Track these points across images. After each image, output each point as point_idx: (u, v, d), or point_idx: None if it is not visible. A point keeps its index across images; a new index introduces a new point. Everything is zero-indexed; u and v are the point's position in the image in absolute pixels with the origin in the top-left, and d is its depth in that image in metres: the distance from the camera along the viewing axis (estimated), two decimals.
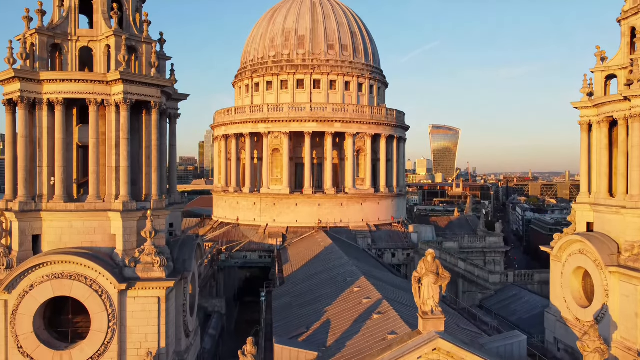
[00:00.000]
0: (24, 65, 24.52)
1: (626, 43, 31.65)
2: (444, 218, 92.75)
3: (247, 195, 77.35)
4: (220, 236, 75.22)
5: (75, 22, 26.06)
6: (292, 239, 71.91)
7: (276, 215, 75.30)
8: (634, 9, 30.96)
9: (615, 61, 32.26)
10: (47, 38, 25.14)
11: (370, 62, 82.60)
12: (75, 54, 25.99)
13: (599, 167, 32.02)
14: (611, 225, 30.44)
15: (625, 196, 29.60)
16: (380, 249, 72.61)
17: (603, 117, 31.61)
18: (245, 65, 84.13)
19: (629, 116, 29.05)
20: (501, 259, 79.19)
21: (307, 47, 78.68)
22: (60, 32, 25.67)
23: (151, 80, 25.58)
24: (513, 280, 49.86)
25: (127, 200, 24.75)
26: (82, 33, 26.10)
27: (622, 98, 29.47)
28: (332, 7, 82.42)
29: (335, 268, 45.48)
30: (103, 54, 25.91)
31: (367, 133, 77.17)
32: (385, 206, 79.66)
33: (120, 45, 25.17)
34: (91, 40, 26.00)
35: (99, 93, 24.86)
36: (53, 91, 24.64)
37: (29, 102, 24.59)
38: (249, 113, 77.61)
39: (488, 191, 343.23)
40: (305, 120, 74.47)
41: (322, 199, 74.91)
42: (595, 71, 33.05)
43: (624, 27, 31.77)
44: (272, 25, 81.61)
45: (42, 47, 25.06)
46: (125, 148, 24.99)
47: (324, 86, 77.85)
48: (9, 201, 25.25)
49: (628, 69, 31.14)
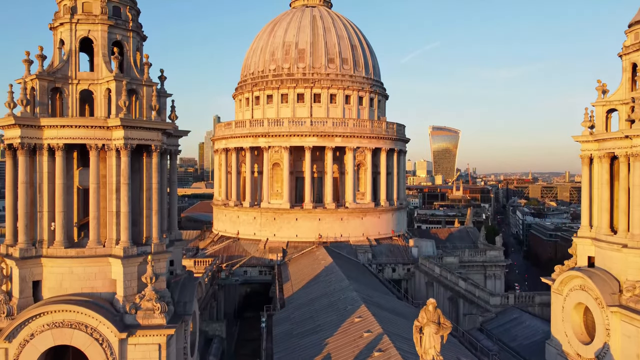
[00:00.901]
0: (25, 112, 24.46)
1: (627, 78, 31.61)
2: (444, 230, 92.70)
3: (247, 209, 77.33)
4: (221, 251, 75.26)
5: (76, 65, 25.99)
6: (293, 254, 71.94)
7: (276, 229, 75.29)
8: (635, 45, 30.93)
9: (617, 96, 32.21)
10: (47, 83, 25.07)
11: (370, 75, 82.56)
12: (76, 97, 25.92)
13: (600, 202, 31.97)
14: (612, 261, 30.39)
15: (627, 234, 29.55)
16: (381, 264, 72.64)
17: (604, 153, 31.57)
18: (246, 78, 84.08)
19: (630, 154, 29.01)
20: (501, 273, 79.22)
21: (308, 60, 78.65)
22: (61, 76, 25.60)
23: (152, 125, 25.53)
24: (514, 302, 49.79)
25: (128, 245, 24.69)
26: (82, 76, 26.03)
27: (624, 136, 29.42)
28: (333, 20, 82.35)
29: (336, 292, 45.45)
30: (104, 97, 25.83)
31: (368, 147, 77.17)
32: (386, 220, 79.63)
33: (120, 90, 25.10)
34: (92, 84, 25.92)
35: (99, 138, 24.81)
36: (54, 136, 24.58)
37: (29, 147, 24.54)
38: (249, 127, 77.58)
39: (488, 194, 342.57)
40: (306, 135, 74.46)
41: (323, 214, 74.90)
42: (596, 105, 33.01)
43: (625, 62, 31.73)
44: (272, 39, 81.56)
45: (43, 92, 24.99)
46: (125, 193, 24.94)
47: (324, 100, 77.83)
48: (9, 246, 25.19)
49: (629, 104, 31.09)
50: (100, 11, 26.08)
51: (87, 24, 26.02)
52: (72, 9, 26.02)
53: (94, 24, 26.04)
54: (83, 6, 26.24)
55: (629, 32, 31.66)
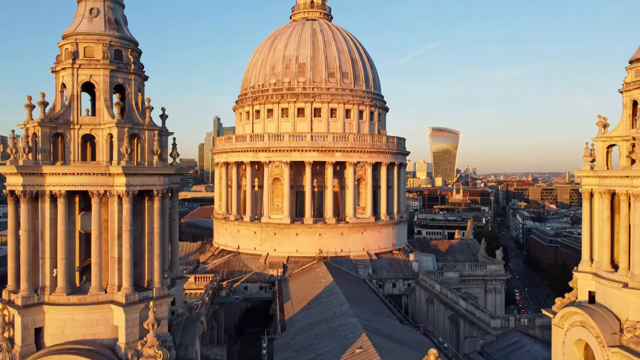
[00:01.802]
0: (27, 159, 24.51)
1: (628, 115, 31.61)
2: (444, 242, 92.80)
3: (247, 224, 77.40)
4: (221, 265, 75.36)
5: (78, 110, 26.04)
6: (293, 269, 72.05)
7: (277, 244, 75.38)
8: (635, 83, 30.92)
9: (617, 131, 32.20)
10: (49, 129, 25.13)
11: (370, 89, 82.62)
12: (78, 142, 25.96)
13: (601, 238, 31.97)
14: (613, 299, 30.41)
15: (628, 272, 29.57)
16: (381, 279, 72.75)
17: (605, 189, 31.58)
18: (246, 91, 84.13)
19: (631, 194, 29.04)
20: (502, 287, 79.30)
21: (308, 75, 78.70)
22: (63, 121, 25.65)
23: (154, 171, 25.61)
24: (514, 325, 49.90)
25: (130, 292, 24.75)
26: (84, 121, 26.08)
27: (624, 175, 29.45)
28: (333, 34, 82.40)
29: (337, 317, 45.52)
30: (105, 142, 25.88)
31: (368, 162, 77.28)
32: (386, 234, 79.72)
33: (122, 136, 25.16)
34: (93, 128, 25.96)
35: (101, 185, 24.86)
36: (55, 183, 24.64)
37: (31, 195, 24.60)
38: (249, 141, 77.65)
39: (488, 196, 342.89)
40: (306, 150, 74.54)
41: (323, 229, 75.01)
42: (597, 140, 33.01)
43: (626, 98, 31.72)
44: (272, 52, 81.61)
45: (45, 139, 25.04)
46: (128, 240, 24.99)
47: (324, 114, 77.90)
48: (11, 292, 25.25)
49: (630, 141, 31.10)
50: (102, 56, 26.13)
51: (89, 69, 26.06)
52: (74, 53, 26.07)
53: (96, 69, 26.09)
54: (85, 50, 26.30)
55: (630, 69, 31.65)
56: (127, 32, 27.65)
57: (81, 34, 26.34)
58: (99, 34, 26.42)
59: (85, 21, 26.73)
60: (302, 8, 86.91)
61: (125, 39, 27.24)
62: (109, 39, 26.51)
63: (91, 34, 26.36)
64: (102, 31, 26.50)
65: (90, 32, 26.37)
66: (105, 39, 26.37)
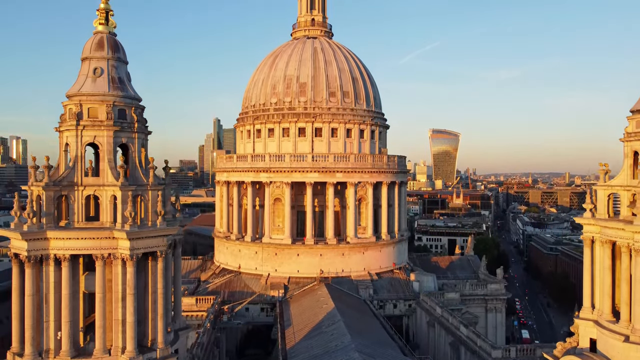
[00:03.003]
0: (31, 224, 24.67)
1: (629, 165, 31.77)
2: (445, 258, 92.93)
3: (249, 244, 77.51)
4: (222, 286, 75.44)
5: (82, 171, 26.20)
6: (294, 290, 72.15)
7: (278, 265, 75.51)
8: (637, 134, 31.08)
9: (618, 180, 32.37)
10: (53, 192, 25.28)
11: (371, 107, 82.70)
12: (82, 202, 26.13)
13: (602, 286, 32.14)
14: (614, 350, 30.56)
15: (628, 324, 29.73)
16: (382, 299, 72.79)
17: (606, 239, 31.73)
18: (247, 110, 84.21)
19: (633, 249, 29.17)
20: (502, 306, 79.46)
21: (309, 94, 78.77)
22: (67, 183, 25.82)
23: (158, 233, 25.74)
24: (515, 356, 50.04)
25: (134, 355, 24.94)
26: (88, 182, 26.23)
27: (625, 229, 29.58)
28: (334, 52, 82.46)
29: (338, 351, 45.58)
30: (109, 202, 26.05)
31: (369, 182, 77.32)
32: (387, 253, 79.84)
33: (126, 199, 25.32)
34: (97, 189, 26.13)
35: (105, 248, 25.04)
36: (60, 247, 24.82)
37: (35, 259, 24.75)
38: (250, 161, 77.73)
39: (488, 200, 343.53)
40: (307, 170, 74.61)
41: (324, 249, 75.12)
42: (598, 188, 33.18)
43: (627, 148, 31.88)
44: (273, 71, 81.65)
45: (49, 202, 25.20)
46: (132, 304, 25.15)
47: (325, 134, 77.95)
48: (16, 354, 25.40)
49: (631, 191, 31.27)
50: (106, 116, 26.31)
51: (93, 130, 26.25)
52: (78, 114, 26.25)
53: (100, 130, 26.28)
54: (89, 111, 26.48)
55: (631, 119, 31.83)
56: (130, 91, 27.79)
57: (85, 95, 26.51)
58: (102, 94, 26.59)
59: (89, 81, 26.88)
60: (303, 26, 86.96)
61: (128, 98, 27.39)
62: (113, 99, 26.67)
63: (95, 95, 26.53)
64: (105, 92, 26.66)
65: (94, 93, 26.54)
66: (109, 100, 26.53)
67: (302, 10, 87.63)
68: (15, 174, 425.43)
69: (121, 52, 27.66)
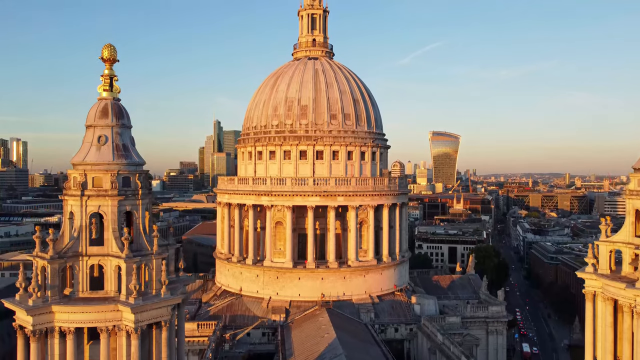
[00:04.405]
0: (36, 299, 24.76)
1: (631, 222, 31.90)
2: (445, 277, 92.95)
3: (250, 267, 77.65)
4: (224, 310, 75.58)
5: (86, 240, 26.30)
6: (296, 315, 72.35)
7: (279, 288, 75.67)
8: (639, 192, 31.19)
9: (620, 237, 32.49)
10: (58, 265, 25.38)
11: (372, 129, 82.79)
12: (86, 272, 26.25)
13: (604, 343, 32.29)
14: None
15: None
16: (383, 323, 72.97)
17: (608, 296, 31.85)
18: (248, 131, 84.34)
19: (634, 310, 29.29)
20: (503, 328, 79.56)
21: (310, 117, 78.87)
22: (72, 254, 25.93)
23: (162, 304, 25.85)
24: None
25: None
26: (92, 251, 26.34)
27: (626, 290, 29.70)
28: (335, 74, 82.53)
29: None
30: (113, 272, 26.16)
31: (370, 204, 77.46)
32: (388, 275, 79.98)
33: (131, 271, 25.41)
34: (101, 259, 26.23)
35: (109, 320, 25.17)
36: (65, 320, 24.94)
37: (41, 333, 24.87)
38: (252, 184, 77.85)
39: (488, 204, 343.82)
40: (309, 194, 74.76)
41: (325, 273, 75.27)
42: (600, 243, 33.29)
43: (629, 205, 32.03)
44: (274, 93, 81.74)
45: (54, 274, 25.31)
46: None
47: (326, 157, 78.03)
48: None
49: (633, 249, 31.38)
50: (111, 186, 26.39)
51: (98, 200, 26.34)
52: (83, 184, 26.35)
53: (104, 199, 26.36)
54: (93, 180, 26.58)
55: (633, 177, 31.96)
56: (134, 157, 27.88)
57: (89, 164, 26.62)
58: (107, 163, 26.69)
59: (94, 149, 26.98)
60: (304, 46, 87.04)
61: (133, 165, 27.50)
62: (117, 167, 26.78)
63: (99, 164, 26.65)
64: (110, 161, 26.77)
65: (98, 162, 26.65)
66: (114, 169, 26.64)
67: (303, 30, 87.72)
68: (15, 178, 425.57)
69: (125, 118, 27.76)
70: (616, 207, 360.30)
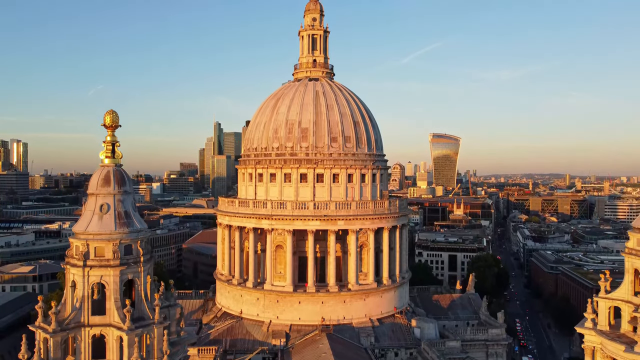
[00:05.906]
0: None
1: (630, 280, 32.09)
2: (446, 297, 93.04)
3: (250, 290, 77.80)
4: (224, 333, 75.72)
5: (88, 310, 26.46)
6: (296, 339, 72.59)
7: (279, 312, 75.83)
8: (637, 251, 31.35)
9: (619, 294, 32.67)
10: (60, 337, 25.55)
11: (372, 151, 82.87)
12: (88, 342, 26.43)
13: None
14: None
15: None
16: (384, 348, 73.09)
17: (607, 354, 32.01)
18: (249, 153, 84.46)
19: None
20: (503, 351, 79.77)
21: (311, 140, 78.96)
22: (74, 325, 26.12)
23: None
24: None
25: None
26: (94, 321, 26.53)
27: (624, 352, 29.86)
28: (336, 96, 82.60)
29: None
30: (115, 341, 26.35)
31: (370, 228, 77.61)
32: (388, 298, 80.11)
33: (133, 343, 25.58)
34: (103, 329, 26.40)
35: None
36: None
37: None
38: (252, 207, 77.97)
39: (489, 209, 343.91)
40: (309, 218, 74.92)
41: (325, 297, 75.42)
42: (600, 300, 33.47)
43: (628, 263, 32.21)
44: (275, 115, 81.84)
45: (56, 347, 25.51)
46: None
47: (327, 180, 78.13)
48: None
49: (632, 308, 31.54)
50: (113, 256, 26.56)
51: (100, 270, 26.51)
52: (85, 254, 26.53)
53: (106, 269, 26.53)
54: (95, 250, 26.75)
55: (632, 235, 32.12)
56: (136, 223, 28.04)
57: (92, 234, 26.81)
58: (109, 233, 26.88)
59: (96, 219, 27.14)
60: (304, 67, 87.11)
61: (134, 232, 27.67)
62: (119, 237, 26.96)
63: (101, 234, 26.83)
64: (112, 230, 26.95)
65: (100, 232, 26.84)
66: (116, 239, 26.83)
67: (303, 51, 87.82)
68: (16, 181, 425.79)
69: (127, 185, 27.94)
70: (616, 211, 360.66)
